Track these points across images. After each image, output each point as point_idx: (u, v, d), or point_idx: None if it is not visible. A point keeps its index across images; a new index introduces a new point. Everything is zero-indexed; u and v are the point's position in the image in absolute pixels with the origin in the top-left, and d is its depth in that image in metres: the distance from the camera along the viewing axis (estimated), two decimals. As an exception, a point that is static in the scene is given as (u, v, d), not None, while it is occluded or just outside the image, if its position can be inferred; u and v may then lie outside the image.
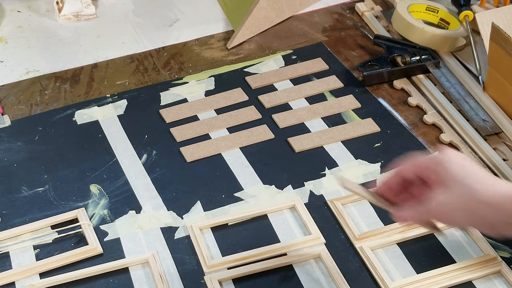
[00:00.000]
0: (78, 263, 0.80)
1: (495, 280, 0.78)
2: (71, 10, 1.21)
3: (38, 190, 0.89)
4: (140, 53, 1.14)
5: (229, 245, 0.82)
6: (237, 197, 0.88)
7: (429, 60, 1.08)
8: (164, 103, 1.03)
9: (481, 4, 1.19)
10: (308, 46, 1.16)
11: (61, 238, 0.83)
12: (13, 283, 0.78)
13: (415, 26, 1.10)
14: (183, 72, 1.10)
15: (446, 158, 0.66)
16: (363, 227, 0.84)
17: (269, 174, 0.91)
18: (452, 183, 0.65)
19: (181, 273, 0.79)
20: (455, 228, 0.83)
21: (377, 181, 0.87)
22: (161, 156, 0.94)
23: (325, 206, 0.87)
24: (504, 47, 0.93)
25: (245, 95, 1.05)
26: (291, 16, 1.23)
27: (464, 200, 0.64)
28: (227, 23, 1.22)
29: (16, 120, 1.00)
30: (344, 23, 1.22)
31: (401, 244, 0.82)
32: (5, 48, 1.15)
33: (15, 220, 0.85)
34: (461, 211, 0.64)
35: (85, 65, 1.11)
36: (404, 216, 0.69)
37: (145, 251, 0.81)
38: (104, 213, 0.86)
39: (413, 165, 0.69)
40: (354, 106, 1.02)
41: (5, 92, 1.05)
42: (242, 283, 0.78)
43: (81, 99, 1.04)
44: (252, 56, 1.13)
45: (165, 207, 0.87)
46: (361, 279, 0.78)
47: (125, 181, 0.90)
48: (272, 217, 0.86)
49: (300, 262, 0.80)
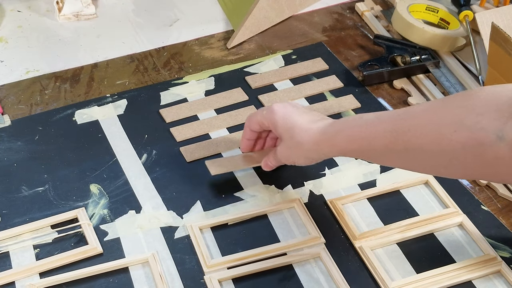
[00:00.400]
0: (78, 263, 0.80)
1: (495, 280, 0.78)
2: (71, 10, 1.21)
3: (38, 189, 0.89)
4: (140, 53, 1.14)
5: (229, 244, 0.82)
6: (237, 196, 0.88)
7: (429, 60, 1.08)
8: (164, 103, 1.03)
9: (481, 4, 1.19)
10: (308, 46, 1.16)
11: (61, 238, 0.83)
12: (13, 283, 0.78)
13: (415, 26, 1.10)
14: (183, 72, 1.10)
15: (273, 115, 0.82)
16: (363, 227, 0.84)
17: (269, 174, 0.91)
18: (282, 136, 0.82)
19: (181, 273, 0.79)
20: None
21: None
22: (161, 156, 0.94)
23: (325, 206, 0.87)
24: (504, 47, 0.93)
25: (245, 95, 1.05)
26: (291, 16, 1.23)
27: (293, 148, 0.81)
28: (227, 23, 1.22)
29: (16, 120, 1.00)
30: (344, 23, 1.22)
31: (401, 244, 0.82)
32: (5, 48, 1.15)
33: (15, 219, 0.85)
34: (295, 155, 0.82)
35: (85, 65, 1.11)
36: (268, 165, 0.88)
37: (145, 251, 0.82)
38: (104, 212, 0.86)
39: (254, 121, 0.86)
40: (354, 106, 1.03)
41: (5, 92, 1.05)
42: (242, 283, 0.78)
43: (81, 98, 1.04)
44: (252, 56, 1.14)
45: (165, 207, 0.87)
46: (360, 279, 0.78)
47: (125, 180, 0.90)
48: (272, 217, 0.86)
49: (300, 262, 0.80)
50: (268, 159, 0.88)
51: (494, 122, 0.63)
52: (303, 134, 0.80)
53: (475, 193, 0.89)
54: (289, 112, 0.82)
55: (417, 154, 0.69)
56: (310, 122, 0.80)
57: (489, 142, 0.63)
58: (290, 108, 0.83)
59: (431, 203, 0.87)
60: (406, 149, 0.70)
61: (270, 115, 0.83)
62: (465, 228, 0.84)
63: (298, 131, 0.80)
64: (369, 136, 0.73)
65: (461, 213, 0.85)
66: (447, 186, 0.89)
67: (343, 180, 0.91)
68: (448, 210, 0.85)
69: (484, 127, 0.63)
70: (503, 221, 0.85)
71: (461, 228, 0.84)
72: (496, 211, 0.87)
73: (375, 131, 0.72)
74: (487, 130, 0.63)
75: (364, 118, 0.75)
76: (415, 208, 0.87)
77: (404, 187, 0.89)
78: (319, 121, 0.80)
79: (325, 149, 0.79)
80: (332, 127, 0.78)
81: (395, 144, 0.70)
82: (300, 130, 0.80)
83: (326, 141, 0.78)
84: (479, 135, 0.63)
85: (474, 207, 0.87)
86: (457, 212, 0.85)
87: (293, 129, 0.80)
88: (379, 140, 0.72)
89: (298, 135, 0.80)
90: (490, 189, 0.90)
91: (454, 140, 0.65)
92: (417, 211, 0.86)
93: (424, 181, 0.90)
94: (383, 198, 0.88)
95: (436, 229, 0.84)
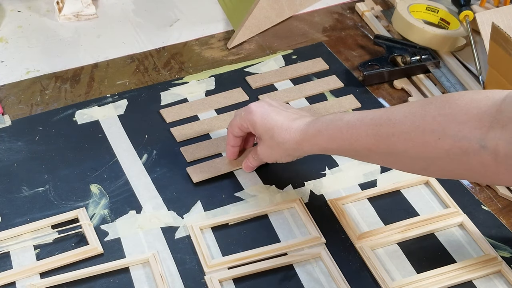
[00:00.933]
0: (78, 263, 0.80)
1: (495, 280, 0.78)
2: (71, 10, 1.21)
3: (39, 190, 0.89)
4: (141, 53, 1.14)
5: (229, 245, 0.82)
6: (238, 196, 0.88)
7: (429, 60, 1.08)
8: (164, 103, 1.03)
9: (481, 4, 1.19)
10: (308, 46, 1.16)
11: (61, 238, 0.83)
12: (13, 283, 0.78)
13: (415, 26, 1.10)
14: (184, 72, 1.10)
15: (251, 116, 0.83)
16: (363, 227, 0.84)
17: (270, 174, 0.91)
18: (262, 136, 0.84)
19: (181, 273, 0.79)
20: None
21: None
22: (161, 156, 0.94)
23: (325, 206, 0.87)
24: (504, 47, 0.93)
25: (245, 95, 1.05)
26: (291, 16, 1.23)
27: (275, 148, 0.83)
28: (227, 23, 1.22)
29: (16, 120, 1.00)
30: (344, 23, 1.22)
31: (402, 244, 0.82)
32: (6, 48, 1.15)
33: (16, 220, 0.85)
34: (277, 154, 0.84)
35: (85, 65, 1.11)
36: (249, 166, 0.90)
37: (146, 251, 0.82)
38: (105, 213, 0.86)
39: (234, 125, 0.87)
40: (354, 106, 1.03)
41: (5, 92, 1.05)
42: (242, 283, 0.78)
43: (81, 99, 1.04)
44: (253, 56, 1.14)
45: (165, 207, 0.87)
46: (361, 279, 0.78)
47: (125, 181, 0.90)
48: (272, 217, 0.86)
49: (300, 262, 0.80)
50: (248, 160, 0.89)
51: (476, 131, 0.64)
52: (283, 133, 0.80)
53: (475, 193, 0.89)
54: (267, 111, 0.83)
55: (400, 157, 0.71)
56: (289, 120, 0.81)
57: (473, 151, 0.64)
58: (267, 107, 0.83)
59: (432, 203, 0.87)
60: (389, 152, 0.71)
61: (249, 116, 0.84)
62: (466, 228, 0.84)
63: (278, 131, 0.81)
64: (351, 138, 0.74)
65: (462, 213, 0.85)
66: (447, 186, 0.89)
67: (343, 180, 0.91)
68: (449, 210, 0.85)
69: (467, 136, 0.64)
70: (503, 221, 0.85)
71: (461, 228, 0.84)
72: (497, 211, 0.87)
73: (357, 133, 0.73)
74: (470, 139, 0.64)
75: (345, 119, 0.75)
76: (416, 208, 0.87)
77: (404, 187, 0.89)
78: (298, 119, 0.81)
79: (306, 148, 0.80)
80: (313, 126, 0.78)
81: (378, 147, 0.72)
82: (280, 130, 0.81)
83: (307, 141, 0.79)
84: (463, 143, 0.65)
85: (474, 207, 0.87)
86: (458, 212, 0.85)
87: (272, 129, 0.81)
88: (361, 143, 0.73)
89: (278, 135, 0.81)
90: (490, 189, 0.90)
91: (438, 147, 0.66)
92: (418, 211, 0.86)
93: (424, 181, 0.90)
94: (383, 198, 0.88)
95: (437, 229, 0.84)
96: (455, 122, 0.65)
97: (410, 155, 0.69)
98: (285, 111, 0.83)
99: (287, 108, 0.85)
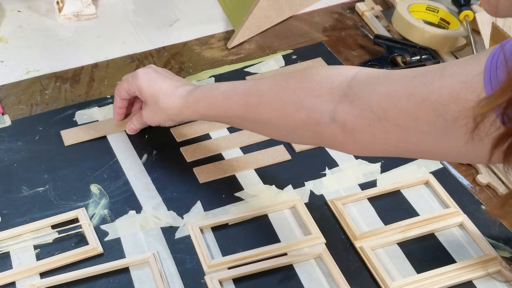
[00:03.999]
0: (78, 263, 0.80)
1: (495, 280, 0.78)
2: (71, 10, 1.21)
3: (39, 190, 0.89)
4: (141, 53, 1.14)
5: (229, 245, 0.82)
6: (238, 197, 0.88)
7: (429, 60, 1.08)
8: (164, 103, 1.03)
9: (481, 4, 1.19)
10: (308, 46, 1.16)
11: (61, 238, 0.83)
12: (13, 283, 0.78)
13: (416, 26, 1.10)
14: (184, 72, 1.10)
15: (137, 81, 0.89)
16: (363, 227, 0.84)
17: (270, 174, 0.91)
18: (147, 101, 0.89)
19: (181, 273, 0.79)
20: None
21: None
22: (161, 156, 0.94)
23: (325, 206, 0.87)
24: (504, 47, 0.93)
25: (245, 95, 1.04)
26: (291, 16, 1.23)
27: (158, 112, 0.88)
28: (227, 23, 1.22)
29: (16, 120, 1.00)
30: (344, 23, 1.22)
31: (401, 244, 0.82)
32: (6, 48, 1.15)
33: (16, 220, 0.85)
34: (160, 119, 0.89)
35: (85, 65, 1.11)
36: (132, 128, 0.96)
37: (146, 251, 0.82)
38: (105, 213, 0.86)
39: (122, 88, 0.92)
40: (354, 106, 1.02)
41: (5, 92, 1.05)
42: (242, 283, 0.78)
43: (81, 98, 1.04)
44: (253, 56, 1.14)
45: (165, 207, 0.87)
46: (361, 279, 0.78)
47: (125, 181, 0.90)
48: (272, 217, 0.86)
49: (300, 262, 0.80)
50: (132, 122, 0.95)
51: (327, 104, 0.70)
52: (167, 99, 0.87)
53: (475, 193, 0.89)
54: (153, 78, 0.89)
55: (266, 125, 0.77)
56: (173, 87, 0.87)
57: (324, 123, 0.70)
58: (153, 74, 0.89)
59: (432, 203, 0.87)
60: (257, 120, 0.78)
61: (136, 81, 0.90)
62: (466, 228, 0.84)
63: (163, 97, 0.87)
64: (225, 106, 0.81)
65: (462, 213, 0.85)
66: (447, 186, 0.89)
67: (343, 180, 0.91)
68: (449, 210, 0.85)
69: (320, 108, 0.71)
70: (503, 221, 0.85)
71: (461, 228, 0.85)
72: (497, 211, 0.87)
73: (229, 102, 0.80)
74: (322, 112, 0.70)
75: (221, 89, 0.82)
76: (416, 208, 0.87)
77: (404, 187, 0.89)
78: (181, 86, 0.87)
79: (187, 114, 0.86)
80: (193, 94, 0.85)
81: (247, 116, 0.79)
82: (165, 96, 0.87)
83: (188, 107, 0.85)
84: (316, 115, 0.71)
85: (474, 207, 0.87)
86: (458, 212, 0.85)
87: (157, 95, 0.87)
88: (233, 111, 0.80)
89: (162, 101, 0.87)
90: (490, 189, 0.90)
91: (297, 118, 0.73)
92: (418, 211, 0.86)
93: (424, 181, 0.90)
94: (383, 198, 0.88)
95: (437, 229, 0.84)
96: (311, 95, 0.71)
97: (274, 124, 0.76)
98: (170, 78, 0.90)
99: (172, 75, 0.92)
